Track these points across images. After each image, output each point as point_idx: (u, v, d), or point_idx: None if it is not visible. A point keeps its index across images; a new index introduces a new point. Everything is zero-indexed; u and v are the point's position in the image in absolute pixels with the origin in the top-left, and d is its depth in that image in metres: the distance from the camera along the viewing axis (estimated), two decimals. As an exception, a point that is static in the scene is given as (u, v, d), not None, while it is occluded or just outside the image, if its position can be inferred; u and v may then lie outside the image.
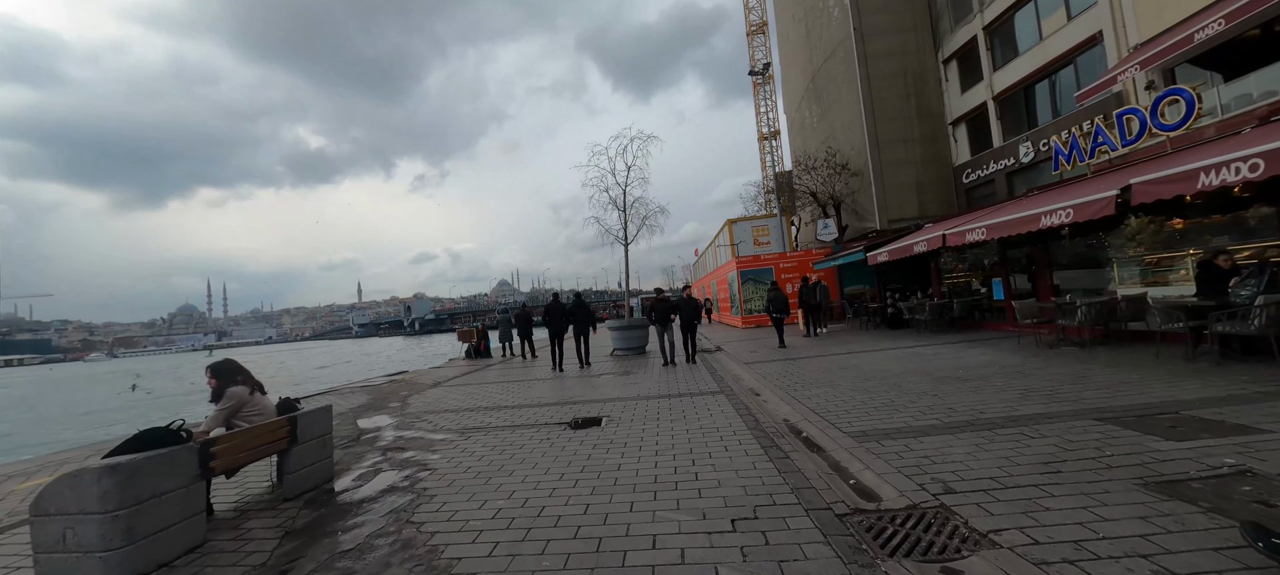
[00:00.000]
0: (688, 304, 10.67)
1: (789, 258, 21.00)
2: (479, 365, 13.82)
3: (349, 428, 6.62)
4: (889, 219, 20.91)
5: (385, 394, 9.48)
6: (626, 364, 11.20)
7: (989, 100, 18.68)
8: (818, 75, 25.61)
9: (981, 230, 8.58)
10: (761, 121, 44.40)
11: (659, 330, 10.55)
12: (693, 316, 10.60)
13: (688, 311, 10.55)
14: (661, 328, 10.51)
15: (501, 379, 10.52)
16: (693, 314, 10.61)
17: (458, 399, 8.28)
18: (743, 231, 24.31)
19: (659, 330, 10.55)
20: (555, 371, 10.80)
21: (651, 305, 10.93)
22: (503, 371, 11.93)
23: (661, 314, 10.60)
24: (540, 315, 12.40)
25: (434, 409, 7.53)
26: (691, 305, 10.72)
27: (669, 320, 10.55)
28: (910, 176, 21.01)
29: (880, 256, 12.37)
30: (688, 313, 10.54)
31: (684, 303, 10.65)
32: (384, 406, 8.12)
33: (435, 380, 11.05)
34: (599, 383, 8.82)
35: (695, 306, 10.88)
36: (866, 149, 21.17)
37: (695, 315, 10.69)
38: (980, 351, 8.50)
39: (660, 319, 10.57)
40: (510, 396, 8.14)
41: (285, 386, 21.42)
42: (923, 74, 21.26)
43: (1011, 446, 3.78)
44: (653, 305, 10.88)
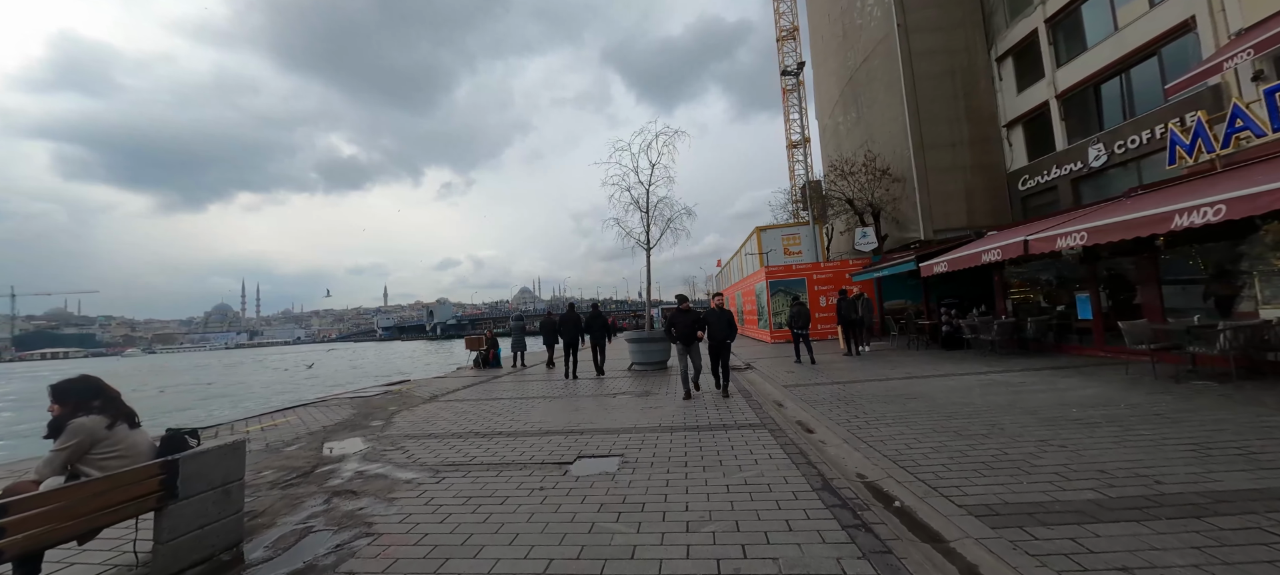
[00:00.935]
0: (718, 318, 7.94)
1: (823, 268, 19.46)
2: (486, 376, 12.70)
3: (309, 455, 5.49)
4: (934, 229, 19.19)
5: (372, 408, 8.38)
6: (646, 382, 9.90)
7: (1051, 100, 16.93)
8: (855, 76, 24.12)
9: (1079, 235, 7.06)
10: (791, 129, 42.94)
11: (681, 350, 7.94)
12: (725, 334, 7.86)
13: (719, 328, 7.88)
14: (684, 347, 7.88)
15: (506, 394, 9.34)
16: (725, 331, 7.86)
17: (449, 419, 7.10)
18: (772, 240, 22.85)
19: (681, 350, 7.94)
20: (568, 379, 10.78)
21: (671, 318, 8.18)
22: (511, 385, 10.76)
23: (684, 330, 7.91)
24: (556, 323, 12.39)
25: (418, 431, 6.36)
26: (723, 320, 7.92)
27: (694, 338, 7.93)
28: (958, 183, 19.28)
29: (938, 267, 10.85)
30: (719, 329, 7.87)
31: (713, 315, 7.98)
32: (364, 425, 7.01)
33: (433, 393, 9.94)
34: (614, 405, 7.55)
35: (728, 321, 7.92)
36: (909, 153, 19.55)
37: (728, 332, 7.88)
38: (1081, 382, 6.94)
39: (683, 335, 7.91)
40: (509, 418, 6.93)
41: (275, 393, 20.66)
42: (972, 73, 19.58)
43: (1265, 556, 2.36)
44: (673, 318, 8.13)
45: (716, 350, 7.95)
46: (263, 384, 27.65)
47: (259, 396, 20.89)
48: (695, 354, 8.01)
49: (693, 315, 8.08)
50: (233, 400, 20.15)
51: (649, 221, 12.97)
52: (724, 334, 7.89)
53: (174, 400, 21.14)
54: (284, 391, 22.23)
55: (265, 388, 25.13)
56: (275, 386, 25.55)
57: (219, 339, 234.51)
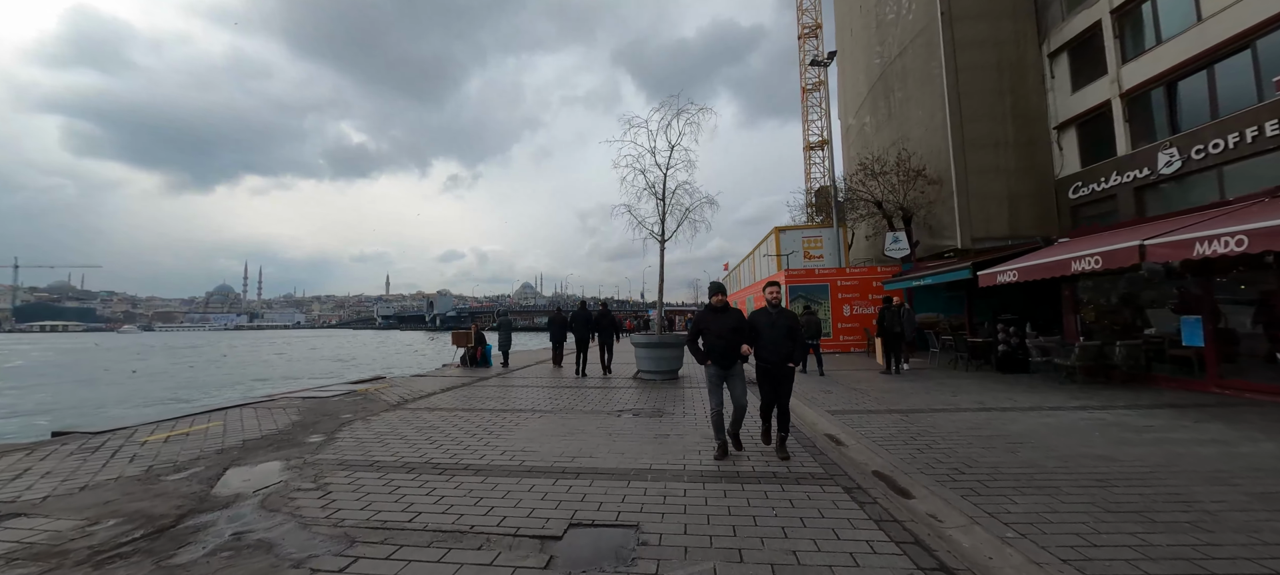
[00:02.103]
0: (775, 325, 4.78)
1: (849, 274, 17.83)
2: (471, 377, 11.11)
3: (193, 492, 3.91)
4: (973, 237, 17.52)
5: (323, 414, 6.80)
6: (656, 396, 8.29)
7: (1114, 99, 15.24)
8: (887, 71, 22.45)
9: (1235, 239, 5.41)
10: (809, 130, 41.25)
11: (715, 377, 4.80)
12: (787, 352, 4.74)
13: (776, 342, 4.74)
14: (719, 373, 4.78)
15: (488, 402, 7.74)
16: (787, 347, 4.75)
17: (408, 439, 5.50)
18: (792, 242, 21.20)
19: (715, 377, 4.80)
20: (578, 375, 11.08)
21: (701, 322, 4.92)
22: (496, 391, 9.17)
23: (721, 343, 4.70)
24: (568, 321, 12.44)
25: (359, 458, 4.77)
26: (782, 329, 4.78)
27: (734, 359, 4.72)
28: (1000, 187, 17.61)
29: (1003, 276, 9.21)
30: (776, 345, 4.74)
31: (767, 320, 4.80)
32: (298, 441, 5.41)
33: (403, 396, 8.35)
34: (619, 430, 5.93)
35: (791, 331, 4.80)
36: (949, 153, 17.88)
37: (792, 350, 4.76)
38: (1228, 430, 5.28)
39: (718, 352, 4.71)
40: (485, 441, 5.33)
41: (222, 384, 18.90)
42: (1021, 68, 17.91)
43: None
44: (703, 323, 4.89)
45: (773, 380, 4.78)
46: (238, 371, 26.15)
47: (222, 386, 19.36)
48: (737, 384, 4.75)
49: (735, 319, 4.76)
50: (202, 388, 18.64)
51: (664, 210, 11.35)
52: (785, 352, 4.69)
53: (137, 386, 19.63)
54: (253, 380, 20.69)
55: (237, 375, 23.62)
56: (249, 373, 24.03)
57: (219, 320, 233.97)
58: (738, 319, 4.84)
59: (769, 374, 4.85)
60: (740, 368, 4.84)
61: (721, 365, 4.76)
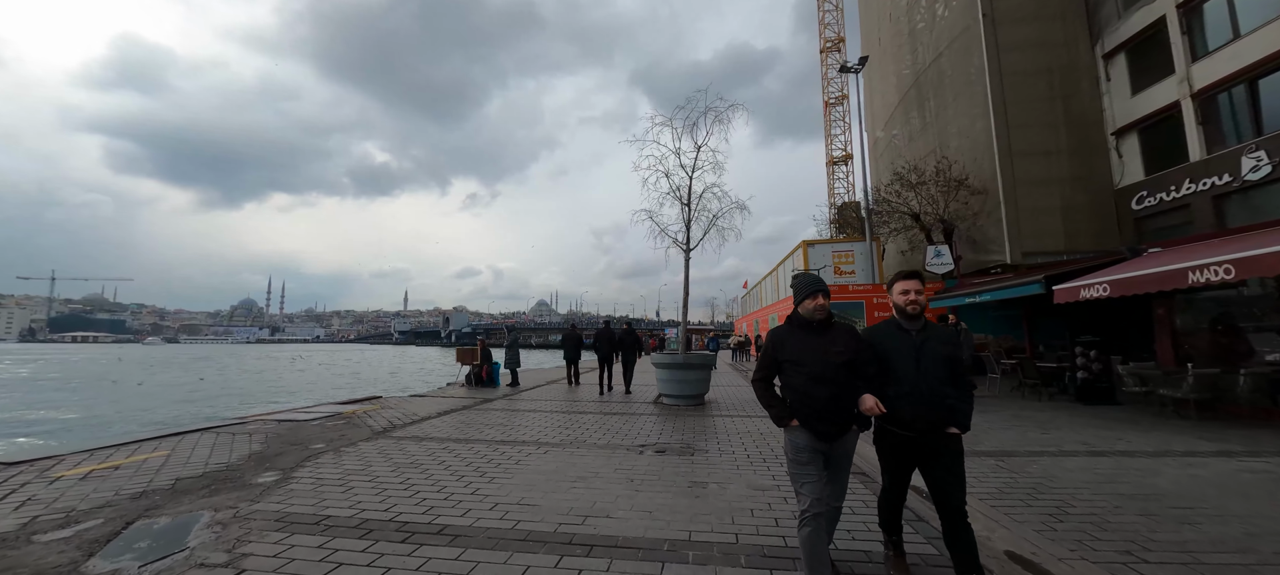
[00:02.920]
0: (936, 354, 2.52)
1: (885, 291, 16.41)
2: (474, 399, 10.03)
3: (59, 562, 2.84)
4: (1023, 251, 16.06)
5: (288, 444, 5.75)
6: (682, 427, 7.09)
7: (1183, 100, 13.84)
8: (922, 78, 21.29)
9: None
10: (832, 145, 40.12)
11: (809, 453, 2.52)
12: (948, 404, 2.48)
13: (928, 388, 2.48)
14: (821, 445, 2.52)
15: (487, 431, 6.62)
16: (947, 398, 2.48)
17: (378, 483, 4.40)
18: (821, 256, 19.91)
19: (809, 453, 2.52)
20: (603, 395, 10.71)
21: (779, 349, 2.67)
22: (500, 416, 8.06)
23: (829, 397, 2.47)
24: (590, 338, 12.89)
25: (306, 513, 3.67)
26: (944, 364, 2.52)
27: (846, 420, 2.51)
28: (1053, 199, 16.18)
29: (1089, 291, 7.86)
30: (928, 392, 2.48)
31: (928, 342, 2.55)
32: (243, 481, 4.35)
33: (392, 421, 7.28)
34: (642, 472, 4.75)
35: (954, 367, 2.56)
36: (995, 162, 16.55)
37: (953, 404, 2.49)
38: None
39: (824, 411, 2.48)
40: (474, 486, 4.19)
41: (221, 399, 17.88)
42: (1073, 71, 16.61)
43: None
44: (781, 350, 2.65)
45: (921, 456, 2.57)
46: (243, 384, 25.53)
47: (220, 400, 18.59)
48: (842, 468, 2.65)
49: (846, 343, 2.54)
50: (201, 403, 17.90)
51: (690, 216, 10.25)
52: (943, 404, 2.48)
53: (137, 400, 18.99)
54: (252, 395, 19.91)
55: (241, 389, 22.95)
56: (253, 387, 23.34)
57: (241, 333, 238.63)
58: (851, 341, 2.53)
59: (911, 447, 2.54)
60: (854, 437, 2.61)
61: (824, 429, 2.46)
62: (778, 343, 2.69)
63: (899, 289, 2.67)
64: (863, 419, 2.55)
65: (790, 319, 2.71)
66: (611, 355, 11.49)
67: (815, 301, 2.58)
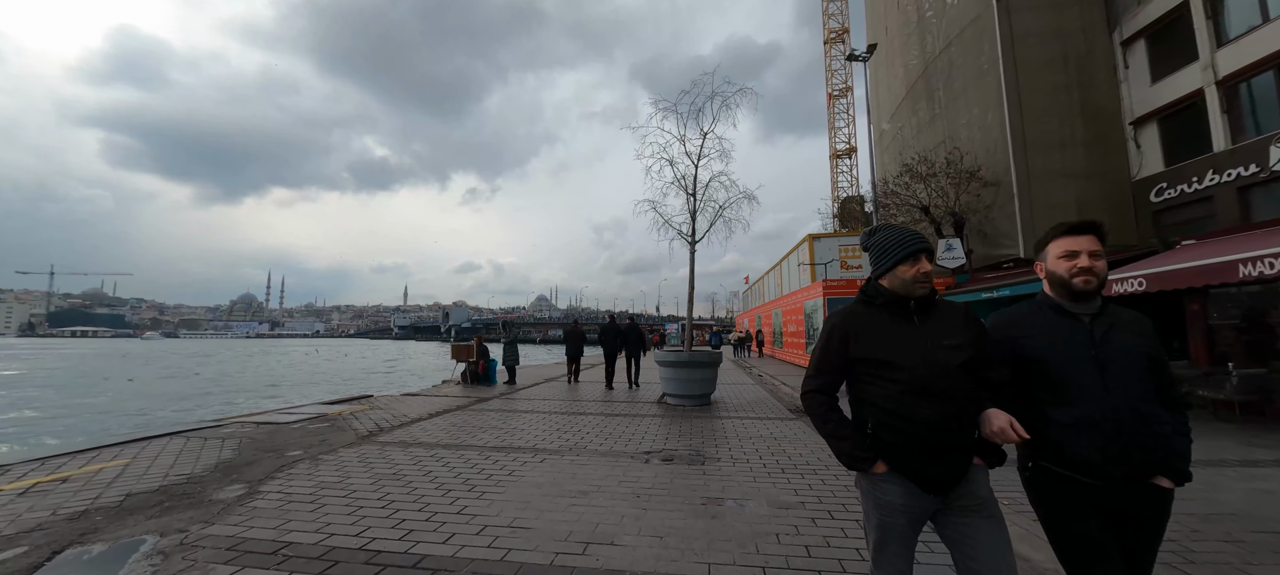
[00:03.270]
0: (1133, 349, 1.59)
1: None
2: (470, 398, 9.57)
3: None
4: (1037, 246, 15.55)
5: (262, 451, 5.29)
6: (689, 430, 6.63)
7: (1208, 87, 13.32)
8: (931, 67, 20.73)
9: None
10: (836, 138, 39.55)
11: (901, 517, 1.60)
12: (1161, 434, 1.54)
13: (1120, 405, 1.52)
14: (920, 503, 1.61)
15: (480, 436, 6.16)
16: (1158, 421, 1.55)
17: (353, 500, 3.94)
18: (827, 250, 19.42)
19: (901, 517, 1.60)
20: (610, 390, 10.89)
21: (845, 344, 1.73)
22: (496, 418, 7.60)
23: (938, 422, 1.56)
24: (593, 334, 13.69)
25: (264, 539, 3.21)
26: (1143, 359, 1.58)
27: (965, 462, 1.60)
28: (1068, 192, 15.68)
29: (1126, 284, 7.39)
30: (1117, 412, 1.51)
31: (1119, 329, 1.62)
32: (202, 497, 3.89)
33: (379, 424, 6.82)
34: (649, 486, 4.30)
35: (1159, 372, 1.60)
36: (1008, 153, 16.04)
37: (1167, 436, 1.55)
38: None
39: (926, 447, 1.57)
40: (459, 505, 3.73)
41: (210, 396, 17.32)
42: (1089, 60, 16.07)
43: None
44: (855, 346, 1.71)
45: (1117, 524, 1.55)
46: (234, 381, 25.10)
47: (209, 397, 18.15)
48: (982, 538, 1.56)
49: (960, 327, 1.69)
50: (193, 400, 17.45)
51: (696, 206, 9.76)
52: (1153, 432, 1.55)
53: (125, 397, 18.53)
54: (244, 391, 19.47)
55: (231, 386, 22.51)
56: (246, 383, 22.90)
57: (241, 328, 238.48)
58: (970, 329, 1.70)
59: (1100, 506, 1.54)
60: (986, 488, 1.63)
61: (935, 472, 1.59)
62: (849, 332, 1.71)
63: (1062, 251, 1.70)
64: (992, 451, 1.63)
65: (868, 295, 1.77)
66: (617, 350, 11.54)
67: (918, 266, 1.66)
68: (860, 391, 1.73)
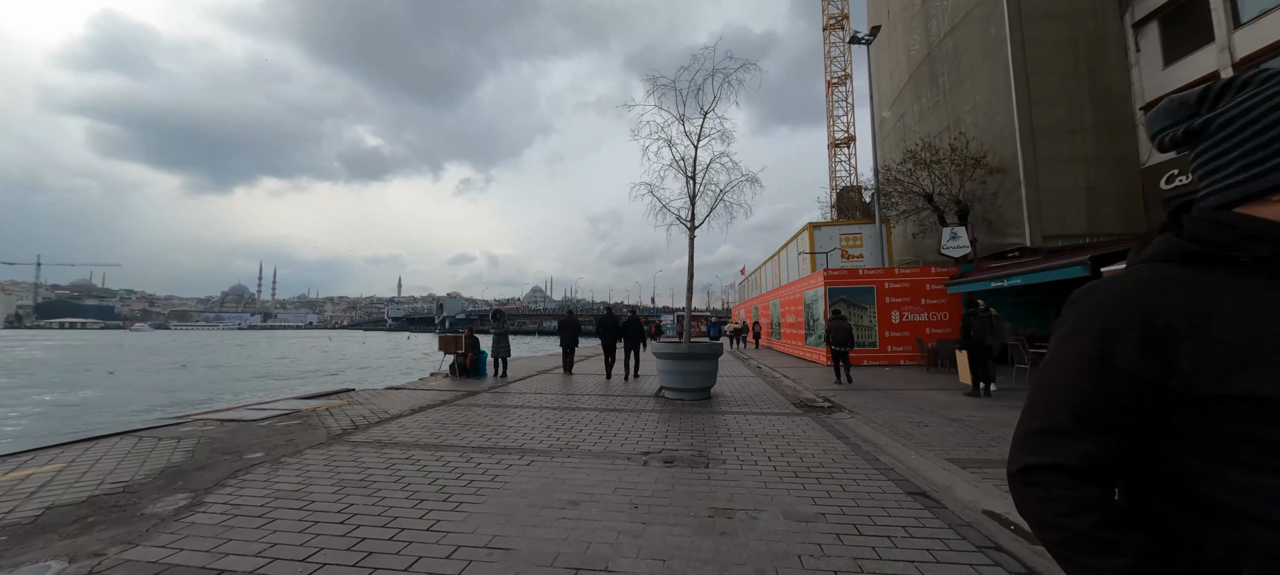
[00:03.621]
0: None
1: (898, 275, 15.54)
2: (457, 392, 9.08)
3: None
4: (1043, 234, 15.20)
5: (219, 453, 4.78)
6: (690, 427, 6.17)
7: (1224, 71, 12.90)
8: (935, 51, 20.20)
9: None
10: (834, 126, 39.00)
11: None
12: None
13: None
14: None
15: (464, 435, 5.68)
16: None
17: (310, 514, 3.45)
18: (828, 239, 18.96)
19: None
20: (608, 380, 10.81)
21: (1116, 333, 0.69)
22: (484, 414, 7.12)
23: None
24: (589, 325, 13.33)
25: (194, 567, 2.71)
26: None
27: None
28: (1077, 179, 15.29)
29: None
30: None
31: None
32: (136, 510, 3.39)
33: (355, 421, 6.33)
34: (648, 495, 3.84)
35: None
36: (1015, 141, 15.59)
37: None
38: None
39: None
40: (433, 519, 3.25)
41: (190, 390, 16.61)
42: (1101, 44, 15.60)
43: None
44: (1145, 323, 0.67)
45: None
46: (221, 373, 24.49)
47: (186, 392, 17.57)
48: None
49: None
50: (171, 394, 16.86)
51: (695, 189, 9.25)
52: None
53: (101, 391, 17.91)
54: (225, 387, 18.89)
55: (216, 378, 21.91)
56: (226, 379, 22.30)
57: (233, 319, 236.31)
58: None
59: None
60: None
61: None
62: (1168, 330, 0.67)
63: None
64: None
65: (1212, 241, 0.69)
66: (615, 342, 11.56)
67: None
68: (1202, 475, 0.68)
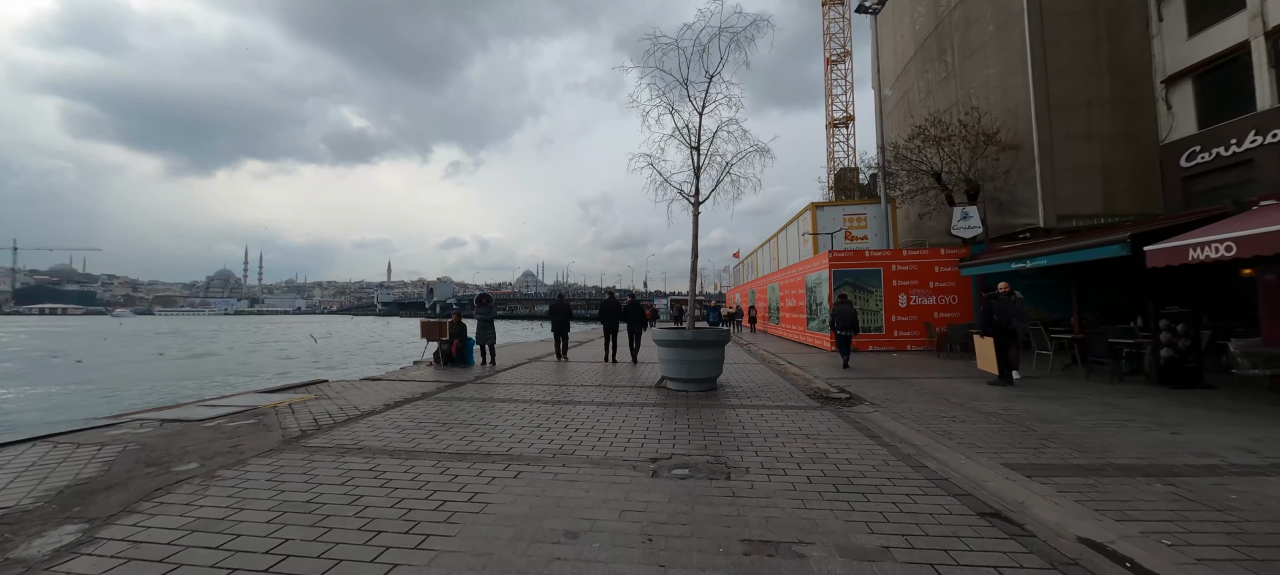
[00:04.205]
0: None
1: (907, 257, 14.89)
2: (440, 382, 8.31)
3: None
4: (1058, 215, 14.56)
5: (145, 464, 4.00)
6: (700, 426, 5.46)
7: (1254, 39, 12.18)
8: (944, 23, 19.30)
9: None
10: (832, 106, 38.07)
11: None
12: None
13: None
14: None
15: (442, 439, 4.92)
16: None
17: (224, 557, 2.68)
18: (831, 219, 18.22)
19: None
20: (608, 362, 11.06)
21: None
22: (466, 410, 6.37)
23: None
24: (580, 310, 13.31)
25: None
26: None
27: None
28: (1093, 156, 14.62)
29: (1207, 250, 6.30)
30: None
31: None
32: (34, 533, 2.59)
33: (316, 420, 5.55)
34: (661, 518, 3.12)
35: None
36: (1031, 115, 14.86)
37: None
38: None
39: None
40: (390, 561, 2.50)
41: (157, 381, 15.40)
42: (1120, 11, 14.82)
43: None
44: None
45: None
46: (196, 362, 23.49)
47: (155, 382, 16.63)
48: None
49: None
50: (136, 385, 15.91)
51: (700, 161, 8.43)
52: None
53: (63, 382, 16.92)
54: (197, 378, 17.95)
55: (191, 368, 20.95)
56: (202, 369, 21.33)
57: (219, 305, 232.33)
58: None
59: None
60: None
61: None
62: None
63: None
64: None
65: None
66: (617, 326, 11.66)
67: None
68: None
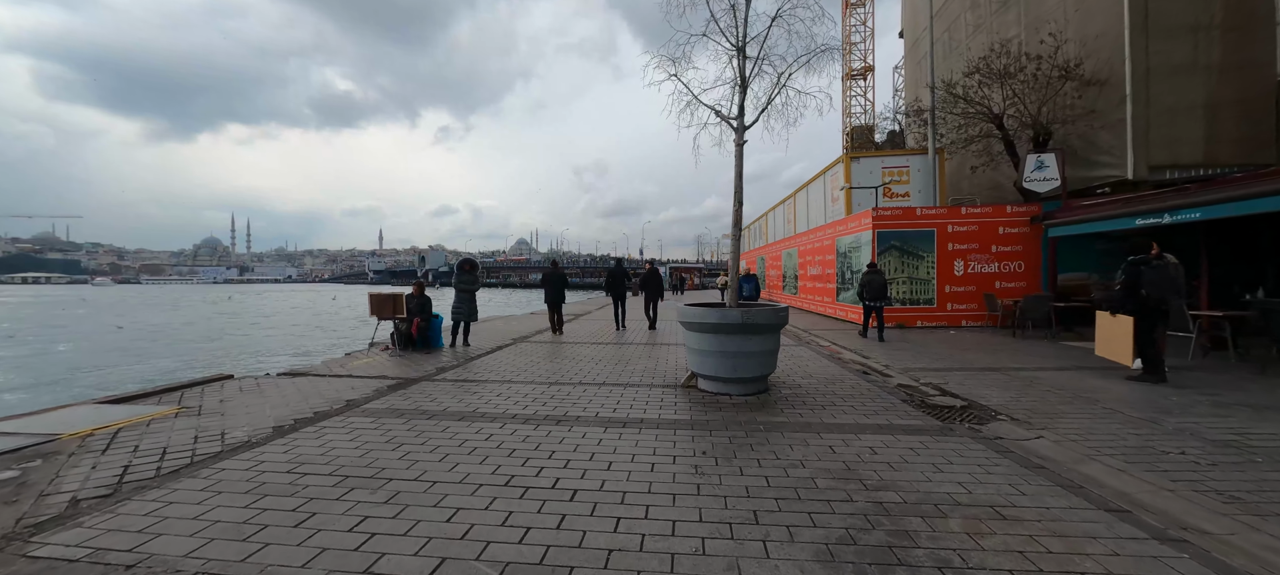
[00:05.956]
0: None
1: (966, 216, 12.52)
2: (389, 379, 6.04)
3: None
4: (1150, 165, 12.18)
5: None
6: (794, 485, 3.21)
7: None
8: (1002, -60, 16.37)
9: None
10: (850, 55, 34.93)
11: None
12: None
13: None
14: None
15: (330, 534, 2.64)
16: None
17: None
18: (869, 171, 15.72)
19: None
20: (619, 330, 11.04)
21: None
22: (409, 443, 4.09)
23: None
24: (577, 278, 12.82)
25: None
26: None
27: None
28: (1195, 92, 12.16)
29: None
30: None
31: None
32: None
33: (125, 474, 3.26)
34: None
35: None
36: (1125, 39, 12.28)
37: None
38: None
39: None
40: None
41: (109, 360, 12.23)
42: (1237, -88, 12.08)
43: None
44: None
45: None
46: (154, 339, 21.16)
47: (102, 364, 14.32)
48: None
49: None
50: (86, 359, 13.60)
51: (746, 72, 5.95)
52: None
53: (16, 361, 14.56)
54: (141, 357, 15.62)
55: (149, 346, 18.62)
56: (160, 347, 19.00)
57: (207, 273, 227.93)
58: None
59: None
60: None
61: None
62: None
63: None
64: None
65: None
66: (625, 294, 11.79)
67: None
68: None
